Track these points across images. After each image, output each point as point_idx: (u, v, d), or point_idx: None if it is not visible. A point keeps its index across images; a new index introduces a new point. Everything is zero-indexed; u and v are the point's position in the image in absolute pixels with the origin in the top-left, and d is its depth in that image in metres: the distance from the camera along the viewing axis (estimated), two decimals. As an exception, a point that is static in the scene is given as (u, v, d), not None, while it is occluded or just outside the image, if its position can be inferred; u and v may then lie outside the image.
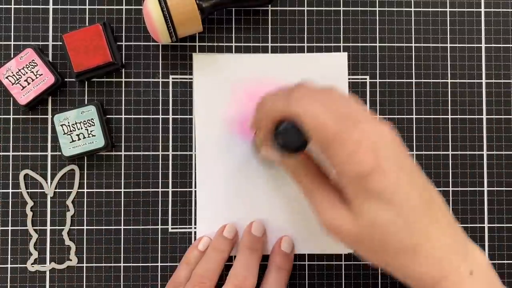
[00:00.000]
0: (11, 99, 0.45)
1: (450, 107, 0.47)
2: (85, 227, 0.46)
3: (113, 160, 0.46)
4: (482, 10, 0.48)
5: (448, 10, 0.48)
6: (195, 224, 0.46)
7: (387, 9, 0.48)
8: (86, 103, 0.46)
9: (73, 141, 0.44)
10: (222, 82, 0.47)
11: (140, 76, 0.46)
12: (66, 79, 0.46)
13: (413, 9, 0.48)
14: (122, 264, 0.45)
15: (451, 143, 0.47)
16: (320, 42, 0.47)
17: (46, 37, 0.46)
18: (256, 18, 0.47)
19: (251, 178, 0.46)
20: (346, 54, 0.47)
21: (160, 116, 0.46)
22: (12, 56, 0.46)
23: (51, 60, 0.46)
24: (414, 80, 0.47)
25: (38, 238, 0.45)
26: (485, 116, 0.47)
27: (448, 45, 0.48)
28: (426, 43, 0.48)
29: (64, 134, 0.44)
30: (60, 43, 0.46)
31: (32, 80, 0.44)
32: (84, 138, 0.44)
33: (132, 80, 0.46)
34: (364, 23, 0.48)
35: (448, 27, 0.48)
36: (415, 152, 0.47)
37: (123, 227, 0.46)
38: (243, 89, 0.47)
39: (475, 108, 0.47)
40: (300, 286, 0.46)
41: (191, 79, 0.47)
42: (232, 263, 0.43)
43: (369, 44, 0.47)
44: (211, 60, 0.47)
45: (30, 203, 0.45)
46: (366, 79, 0.47)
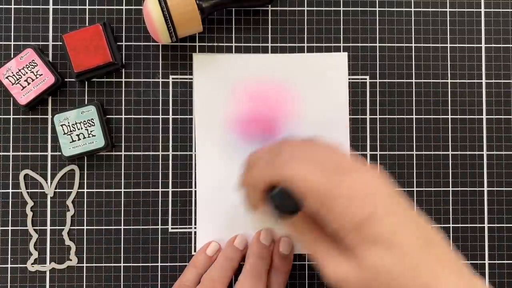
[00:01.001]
0: (11, 99, 0.45)
1: (450, 107, 0.47)
2: (85, 227, 0.46)
3: (113, 160, 0.46)
4: (482, 10, 0.48)
5: (448, 10, 0.48)
6: (195, 224, 0.46)
7: (387, 9, 0.48)
8: (86, 103, 0.46)
9: (73, 141, 0.44)
10: (222, 82, 0.47)
11: (140, 76, 0.46)
12: (66, 79, 0.46)
13: (413, 9, 0.48)
14: (122, 264, 0.45)
15: (451, 143, 0.47)
16: (320, 42, 0.47)
17: (46, 37, 0.46)
18: (256, 18, 0.47)
19: (251, 178, 0.46)
20: (346, 54, 0.47)
21: (160, 116, 0.46)
22: (12, 56, 0.46)
23: (51, 60, 0.46)
24: (414, 80, 0.47)
25: (38, 238, 0.45)
26: (485, 116, 0.47)
27: (448, 45, 0.48)
28: (426, 43, 0.48)
29: (64, 134, 0.44)
30: (60, 43, 0.46)
31: (32, 80, 0.44)
32: (84, 138, 0.44)
33: (132, 80, 0.46)
34: (364, 23, 0.48)
35: (448, 27, 0.48)
36: (415, 153, 0.47)
37: (123, 227, 0.46)
38: (243, 89, 0.47)
39: (475, 108, 0.47)
40: (300, 286, 0.46)
41: (191, 79, 0.47)
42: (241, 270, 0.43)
43: (369, 44, 0.47)
44: (211, 60, 0.47)
45: (30, 203, 0.45)
46: (366, 79, 0.47)
